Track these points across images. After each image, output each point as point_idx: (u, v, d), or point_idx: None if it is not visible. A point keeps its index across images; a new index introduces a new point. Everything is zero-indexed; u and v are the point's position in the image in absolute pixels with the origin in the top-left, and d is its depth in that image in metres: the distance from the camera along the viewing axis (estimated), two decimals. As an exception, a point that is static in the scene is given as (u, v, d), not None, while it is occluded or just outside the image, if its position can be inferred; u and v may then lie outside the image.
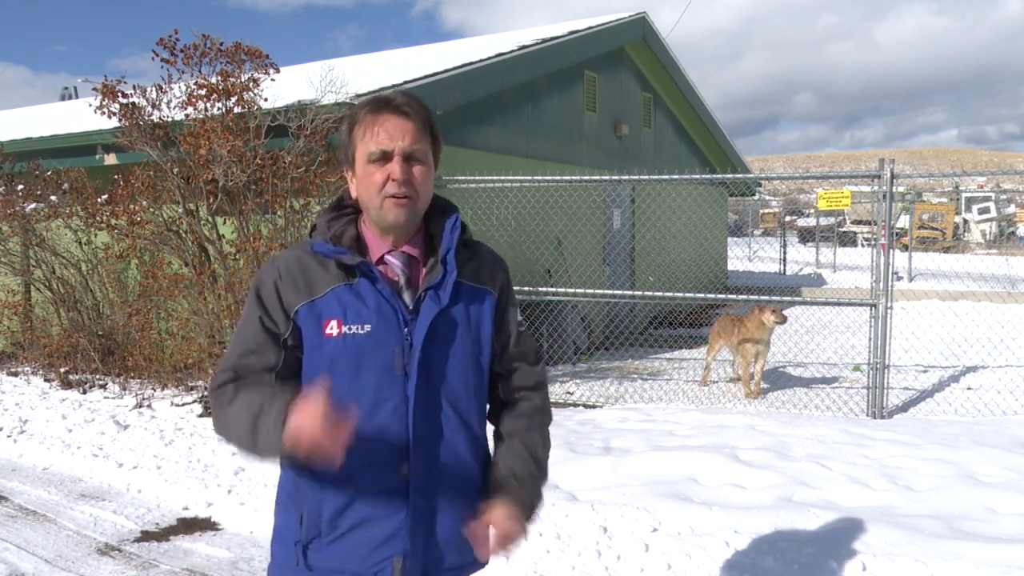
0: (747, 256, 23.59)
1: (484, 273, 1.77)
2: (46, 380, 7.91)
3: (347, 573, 1.64)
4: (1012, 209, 32.83)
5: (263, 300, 1.66)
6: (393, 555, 1.63)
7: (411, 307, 1.65)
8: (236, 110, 6.43)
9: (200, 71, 6.57)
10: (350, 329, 1.61)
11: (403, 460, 1.62)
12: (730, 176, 7.17)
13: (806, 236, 29.98)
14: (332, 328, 1.62)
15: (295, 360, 1.67)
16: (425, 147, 1.66)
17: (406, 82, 7.34)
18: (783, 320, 6.98)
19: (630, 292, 7.58)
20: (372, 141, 1.62)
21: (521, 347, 1.84)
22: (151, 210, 6.86)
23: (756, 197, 23.15)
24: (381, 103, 1.65)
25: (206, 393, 6.63)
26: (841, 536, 3.70)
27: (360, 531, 1.63)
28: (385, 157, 1.62)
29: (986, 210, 30.24)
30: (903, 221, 22.74)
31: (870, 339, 6.09)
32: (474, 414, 1.74)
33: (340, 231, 1.69)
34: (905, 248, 18.63)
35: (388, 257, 1.69)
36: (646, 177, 7.03)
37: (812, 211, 34.09)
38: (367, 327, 1.62)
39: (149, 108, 6.66)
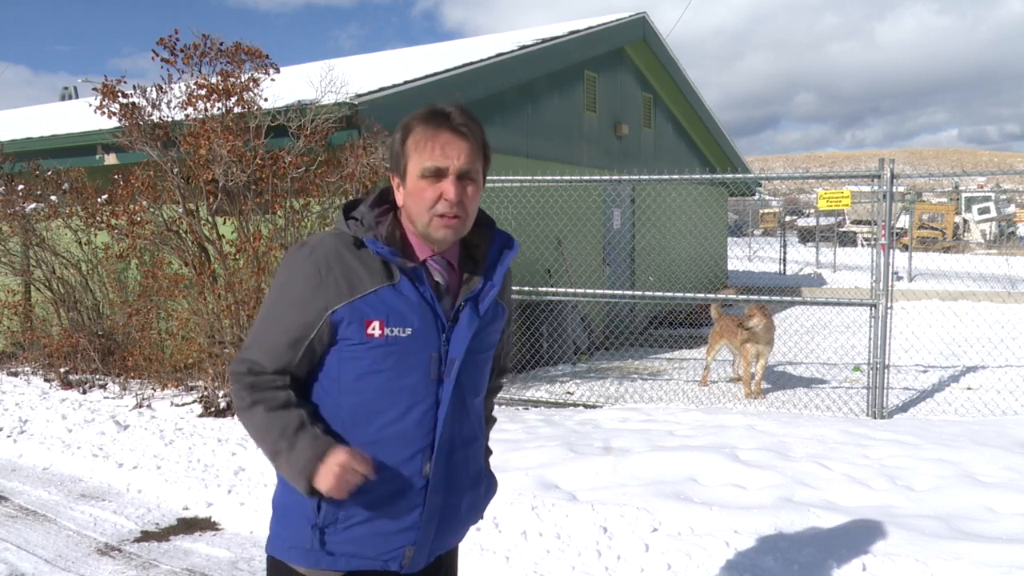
0: (747, 256, 23.59)
1: (507, 289, 1.88)
2: (46, 380, 7.91)
3: (360, 558, 1.68)
4: (1012, 209, 32.82)
5: (297, 298, 1.64)
6: (406, 545, 1.69)
7: (451, 315, 1.69)
8: (236, 110, 6.43)
9: (200, 71, 6.57)
10: (392, 331, 1.62)
11: (427, 460, 1.68)
12: (730, 176, 7.17)
13: (806, 236, 29.97)
14: (375, 329, 1.61)
15: (312, 356, 1.67)
16: (478, 167, 1.67)
17: (406, 82, 7.34)
18: (758, 324, 6.89)
19: (630, 292, 7.58)
20: (428, 157, 1.61)
21: (508, 346, 2.02)
22: (151, 210, 6.85)
23: (756, 197, 23.16)
24: (441, 119, 1.64)
25: (206, 393, 6.64)
26: (841, 536, 3.70)
27: (378, 523, 1.67)
28: (439, 174, 1.62)
29: (986, 210, 30.23)
30: (903, 221, 22.74)
31: (870, 339, 6.09)
32: (483, 411, 1.87)
33: (391, 230, 1.68)
34: (905, 248, 18.62)
35: (430, 262, 1.70)
36: (646, 177, 7.03)
37: (812, 211, 34.08)
38: (408, 330, 1.63)
39: (149, 108, 6.66)
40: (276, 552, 1.74)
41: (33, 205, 8.08)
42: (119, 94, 6.68)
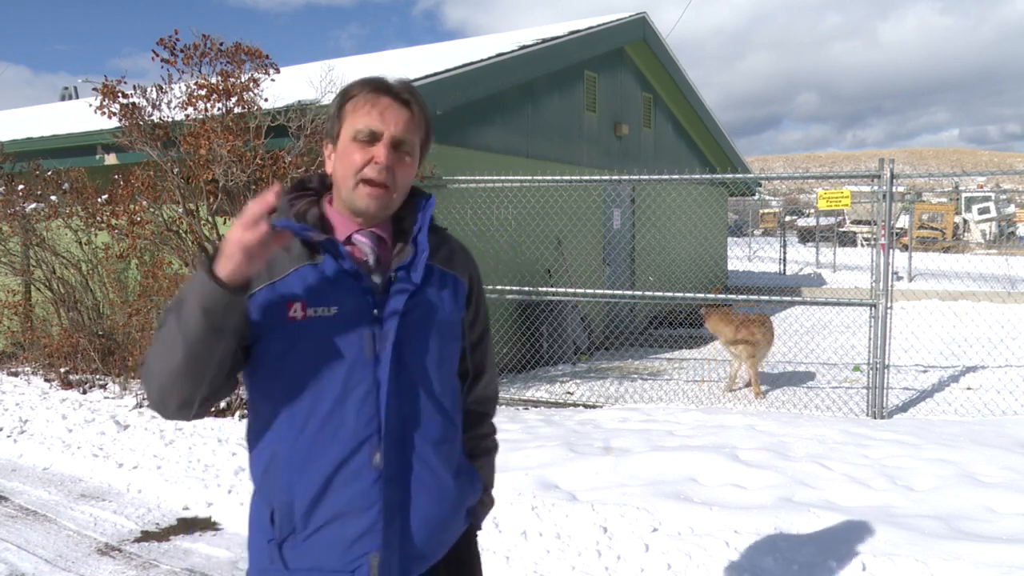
0: (747, 256, 23.59)
1: (456, 260, 1.71)
2: (46, 380, 7.91)
3: (325, 571, 1.54)
4: (1012, 209, 32.82)
5: None
6: (370, 551, 1.53)
7: (381, 288, 1.57)
8: (236, 110, 6.43)
9: (200, 71, 6.57)
10: (315, 311, 1.51)
11: (376, 449, 1.53)
12: (730, 176, 7.18)
13: (806, 236, 29.97)
14: (296, 311, 1.51)
15: (243, 350, 1.54)
16: (415, 140, 1.60)
17: (406, 82, 7.34)
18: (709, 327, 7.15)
19: (630, 292, 7.58)
20: (363, 119, 1.55)
21: (487, 348, 1.84)
22: (151, 210, 6.85)
23: (756, 197, 23.14)
24: (381, 86, 1.58)
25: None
26: (841, 536, 3.70)
27: (335, 526, 1.53)
28: (372, 138, 1.55)
29: (986, 210, 30.24)
30: (903, 221, 22.73)
31: (870, 339, 6.09)
32: (448, 397, 1.67)
33: (304, 209, 1.60)
34: (905, 248, 18.62)
35: (356, 236, 1.60)
36: (646, 177, 7.03)
37: (812, 211, 34.08)
38: (333, 309, 1.52)
39: (149, 108, 6.66)
40: (249, 573, 1.64)
41: (33, 205, 8.08)
42: (119, 94, 6.68)
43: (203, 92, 6.43)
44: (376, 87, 1.58)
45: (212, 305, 1.39)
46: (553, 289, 7.77)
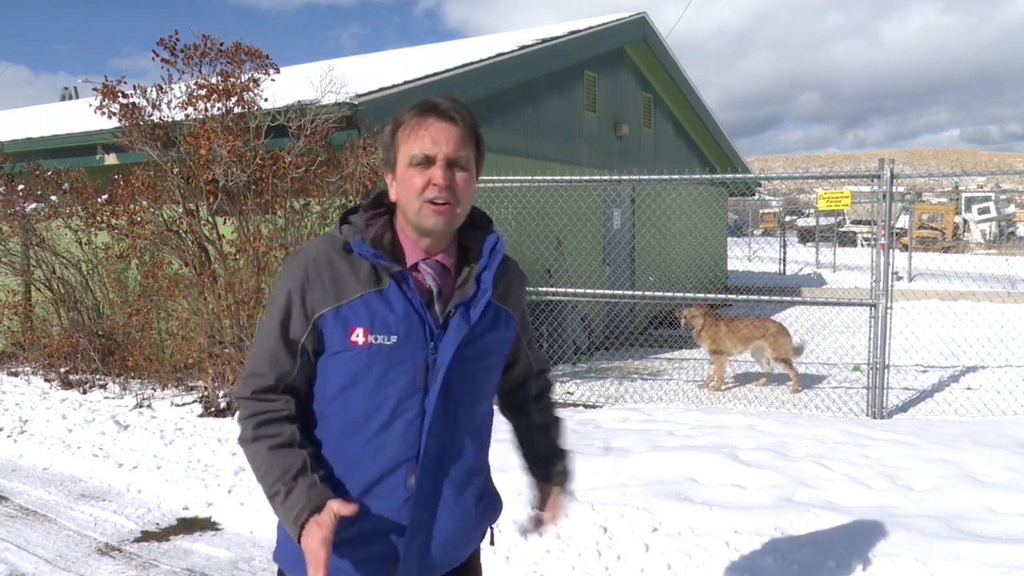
0: (747, 256, 23.58)
1: (512, 294, 1.79)
2: (46, 380, 7.91)
3: (345, 571, 1.64)
4: (1012, 209, 32.82)
5: (287, 302, 1.63)
6: (390, 560, 1.63)
7: (440, 321, 1.63)
8: (236, 110, 6.43)
9: (200, 71, 6.57)
10: (376, 339, 1.58)
11: (412, 472, 1.62)
12: (730, 176, 7.18)
13: (806, 236, 29.97)
14: (358, 336, 1.58)
15: (309, 366, 1.65)
16: (469, 154, 1.64)
17: (406, 82, 7.34)
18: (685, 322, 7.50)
19: (630, 292, 7.58)
20: (416, 145, 1.60)
21: (533, 349, 1.97)
22: (151, 210, 6.86)
23: (756, 197, 23.14)
24: (427, 108, 1.63)
25: (206, 393, 6.64)
26: (841, 536, 3.70)
27: (365, 537, 1.63)
28: (428, 161, 1.60)
29: (986, 210, 30.24)
30: (903, 221, 22.73)
31: (870, 339, 6.09)
32: (485, 428, 1.78)
33: (379, 233, 1.65)
34: (905, 248, 18.62)
35: (422, 265, 1.65)
36: (646, 177, 7.03)
37: (812, 211, 34.08)
38: (393, 338, 1.59)
39: (149, 108, 6.66)
40: (277, 560, 1.74)
41: (33, 205, 8.08)
42: (119, 94, 6.68)
43: (203, 92, 6.43)
44: (422, 110, 1.63)
45: (288, 527, 1.58)
46: (553, 289, 7.77)
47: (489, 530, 1.87)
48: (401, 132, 1.63)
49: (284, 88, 7.22)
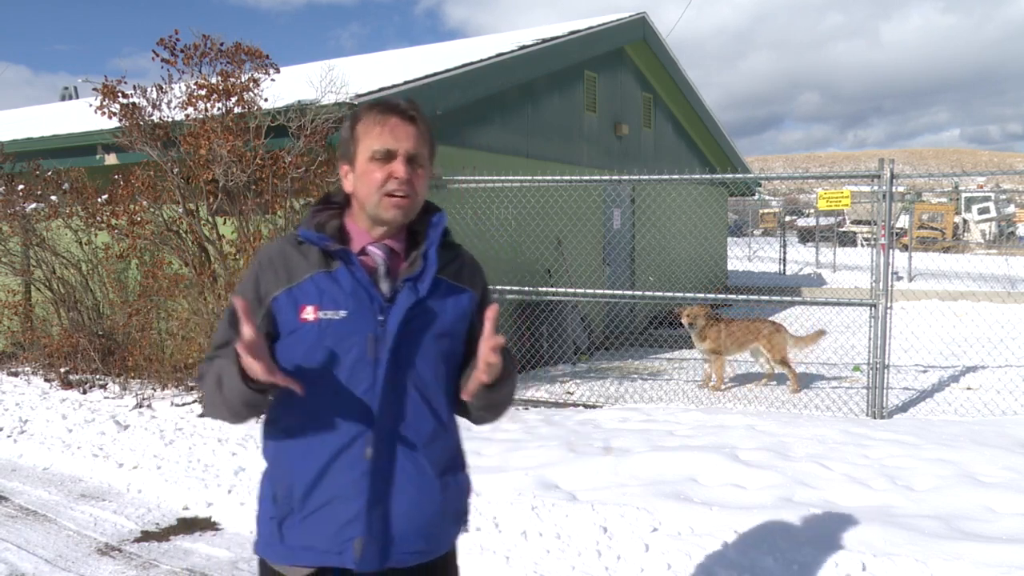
0: (747, 256, 23.59)
1: (465, 274, 1.83)
2: (46, 380, 7.91)
3: (315, 550, 1.69)
4: (1012, 209, 32.82)
5: (245, 290, 1.74)
6: (355, 536, 1.67)
7: (388, 296, 1.71)
8: (236, 110, 6.43)
9: (200, 71, 6.57)
10: (325, 314, 1.67)
11: (368, 444, 1.68)
12: (730, 176, 7.18)
13: (806, 236, 29.96)
14: (308, 313, 1.67)
15: (270, 348, 1.70)
16: (425, 152, 1.74)
17: (406, 82, 7.34)
18: (688, 321, 7.42)
19: (630, 292, 7.58)
20: (377, 140, 1.69)
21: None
22: (151, 210, 6.86)
23: (756, 197, 23.14)
24: (389, 107, 1.73)
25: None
26: (841, 536, 3.70)
27: (327, 510, 1.68)
28: (389, 156, 1.69)
29: (986, 210, 30.24)
30: (903, 221, 22.73)
31: (870, 339, 6.09)
32: (443, 403, 1.78)
33: (324, 220, 1.77)
34: (905, 248, 18.62)
35: (370, 247, 1.74)
36: (646, 177, 7.03)
37: (812, 211, 34.08)
38: (342, 313, 1.67)
39: (149, 108, 6.66)
40: (259, 552, 1.81)
41: (33, 205, 8.08)
42: (119, 94, 6.68)
43: (203, 92, 6.43)
44: (385, 109, 1.73)
45: (250, 399, 1.65)
46: (553, 289, 7.77)
47: (463, 523, 1.87)
48: (361, 127, 1.72)
49: (284, 88, 7.21)
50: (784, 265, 19.56)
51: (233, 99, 6.44)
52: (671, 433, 5.54)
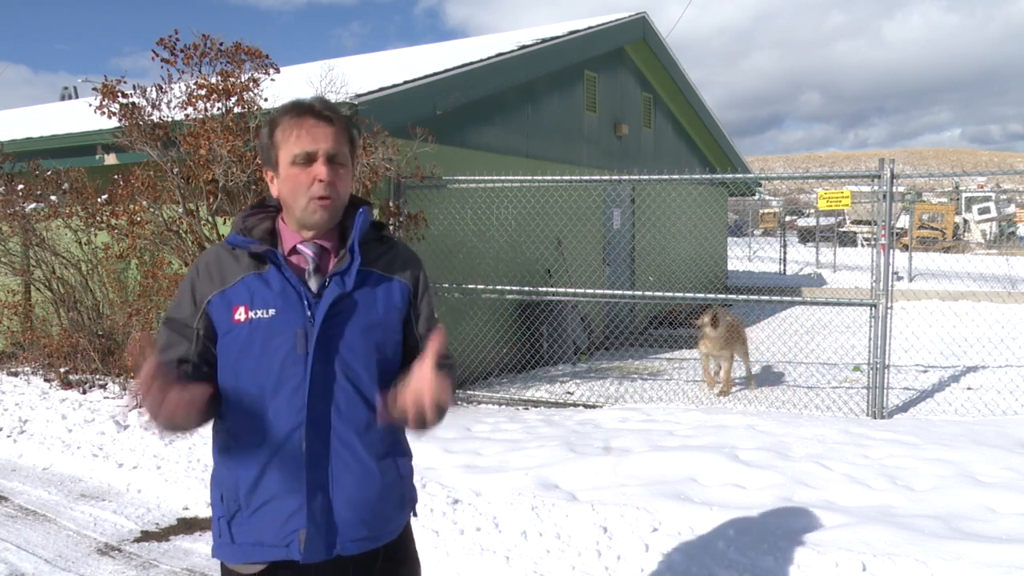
0: (747, 256, 23.58)
1: (396, 265, 1.85)
2: (46, 380, 7.91)
3: (264, 546, 1.73)
4: (1012, 209, 32.81)
5: (179, 297, 1.80)
6: (299, 528, 1.71)
7: (317, 292, 1.74)
8: (236, 110, 6.43)
9: (200, 71, 6.56)
10: (256, 314, 1.72)
11: (303, 437, 1.71)
12: (730, 176, 7.18)
13: (806, 236, 29.96)
14: (240, 314, 1.73)
15: (209, 351, 1.77)
16: (345, 151, 1.77)
17: (406, 82, 7.34)
18: (707, 324, 7.12)
19: (630, 292, 7.58)
20: (296, 144, 1.72)
21: (429, 328, 1.89)
22: (151, 210, 6.85)
23: (756, 197, 23.14)
24: (303, 109, 1.74)
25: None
26: (841, 536, 3.70)
27: (271, 505, 1.72)
28: (309, 159, 1.72)
29: (986, 210, 30.23)
30: (903, 221, 22.72)
31: (870, 339, 6.09)
32: (374, 389, 1.78)
33: (253, 224, 1.81)
34: (905, 248, 18.61)
35: (300, 246, 1.78)
36: (646, 177, 7.03)
37: (812, 211, 34.08)
38: (272, 311, 1.72)
39: (149, 108, 6.66)
40: (217, 556, 1.84)
41: (33, 205, 8.07)
42: (119, 94, 6.67)
43: (203, 92, 6.43)
44: (299, 111, 1.75)
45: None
46: (553, 289, 7.77)
47: (412, 508, 1.90)
48: (280, 133, 1.75)
49: (284, 88, 7.19)
50: (784, 265, 19.56)
51: (233, 99, 6.43)
52: (671, 433, 5.54)
